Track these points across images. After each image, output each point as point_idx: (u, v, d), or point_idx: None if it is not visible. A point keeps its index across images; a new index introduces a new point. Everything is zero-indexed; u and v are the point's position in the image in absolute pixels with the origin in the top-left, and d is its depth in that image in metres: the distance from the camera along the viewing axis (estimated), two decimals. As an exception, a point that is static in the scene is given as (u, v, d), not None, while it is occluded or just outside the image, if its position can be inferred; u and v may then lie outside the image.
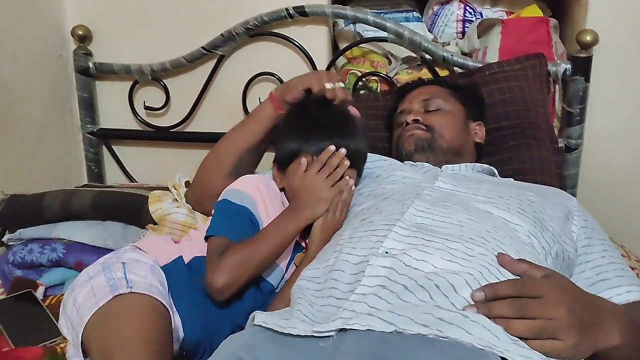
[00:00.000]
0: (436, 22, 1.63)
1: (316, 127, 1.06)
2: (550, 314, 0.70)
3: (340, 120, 1.09)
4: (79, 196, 1.25)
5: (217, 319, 0.97)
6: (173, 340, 0.90)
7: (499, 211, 0.95)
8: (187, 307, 0.95)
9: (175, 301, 0.95)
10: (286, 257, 1.03)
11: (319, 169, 1.02)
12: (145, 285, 0.90)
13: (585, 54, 1.44)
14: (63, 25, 1.68)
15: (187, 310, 0.95)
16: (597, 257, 0.99)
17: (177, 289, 0.97)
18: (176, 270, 0.99)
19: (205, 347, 0.97)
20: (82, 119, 1.73)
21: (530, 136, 1.38)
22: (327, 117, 1.08)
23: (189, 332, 0.94)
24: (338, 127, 1.07)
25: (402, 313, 0.68)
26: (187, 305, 0.95)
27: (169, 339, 0.88)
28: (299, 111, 1.12)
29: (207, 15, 1.61)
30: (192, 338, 0.94)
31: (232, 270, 0.93)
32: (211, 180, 1.16)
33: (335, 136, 1.05)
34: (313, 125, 1.07)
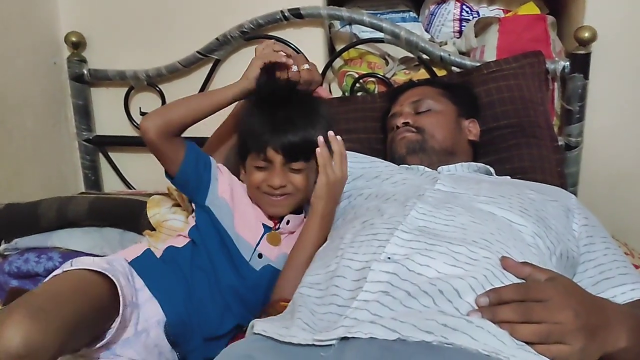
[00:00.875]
0: (433, 22, 1.62)
1: (262, 122, 1.05)
2: (556, 318, 0.68)
3: (285, 114, 1.06)
4: (76, 203, 1.24)
5: (199, 297, 0.99)
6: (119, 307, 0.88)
7: (502, 211, 0.93)
8: (161, 289, 0.97)
9: (149, 285, 0.97)
10: (255, 233, 1.05)
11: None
12: (87, 262, 0.89)
13: (584, 50, 1.43)
14: (56, 32, 1.67)
15: (162, 291, 0.97)
16: (600, 256, 0.97)
17: (148, 274, 0.99)
18: (144, 259, 1.02)
19: (192, 329, 0.97)
20: (77, 127, 1.72)
21: (530, 135, 1.37)
22: (267, 113, 1.07)
23: (170, 312, 0.96)
24: (281, 121, 1.05)
25: (405, 320, 0.67)
26: (161, 287, 0.97)
27: (93, 301, 0.85)
28: (252, 105, 1.12)
29: (202, 19, 1.60)
30: (174, 318, 0.96)
31: (157, 112, 1.07)
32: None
33: (276, 132, 1.03)
34: (262, 117, 1.06)
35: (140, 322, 0.93)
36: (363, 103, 1.51)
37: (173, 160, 1.07)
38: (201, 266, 1.02)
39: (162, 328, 0.94)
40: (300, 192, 1.07)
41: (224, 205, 1.06)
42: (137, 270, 0.98)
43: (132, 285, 0.95)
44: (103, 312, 0.86)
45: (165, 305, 0.95)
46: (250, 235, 1.05)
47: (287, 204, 1.07)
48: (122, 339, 0.90)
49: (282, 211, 1.07)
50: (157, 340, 0.94)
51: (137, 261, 1.00)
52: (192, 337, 0.97)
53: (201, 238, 1.05)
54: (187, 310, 0.97)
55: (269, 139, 1.03)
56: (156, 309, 0.95)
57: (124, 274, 0.93)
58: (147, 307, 0.95)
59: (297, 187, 1.06)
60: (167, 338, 0.95)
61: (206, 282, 1.01)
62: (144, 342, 0.91)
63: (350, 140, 1.26)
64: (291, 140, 1.02)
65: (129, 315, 0.90)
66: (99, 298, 0.85)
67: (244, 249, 1.04)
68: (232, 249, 1.03)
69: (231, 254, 1.03)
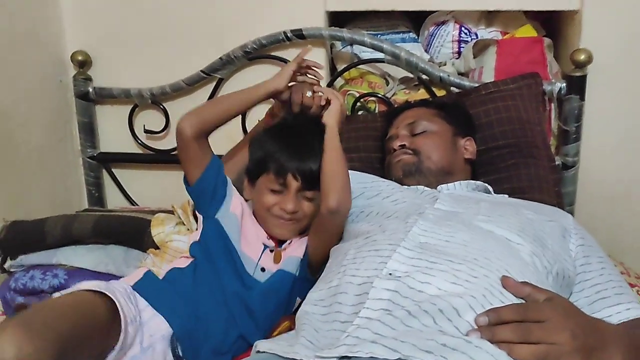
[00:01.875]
0: (432, 43, 1.65)
1: (284, 147, 1.09)
2: (553, 339, 0.70)
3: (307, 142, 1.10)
4: (81, 220, 1.26)
5: (204, 311, 1.01)
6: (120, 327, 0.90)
7: (500, 230, 0.95)
8: (165, 304, 0.99)
9: (152, 303, 0.99)
10: (255, 251, 1.08)
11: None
12: (87, 284, 0.92)
13: (580, 72, 1.46)
14: (63, 51, 1.70)
15: (166, 307, 0.99)
16: (596, 276, 0.99)
17: (151, 293, 1.00)
18: (146, 280, 1.04)
19: (199, 342, 0.99)
20: (82, 144, 1.74)
21: (528, 154, 1.40)
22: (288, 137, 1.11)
23: (177, 325, 0.97)
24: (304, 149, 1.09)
25: (405, 339, 0.69)
26: (165, 303, 0.99)
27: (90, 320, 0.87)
28: (269, 130, 1.16)
29: (205, 39, 1.63)
30: (181, 330, 0.98)
31: (194, 111, 1.12)
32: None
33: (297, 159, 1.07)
34: (283, 143, 1.10)
35: (145, 338, 0.94)
36: (364, 122, 1.53)
37: (197, 165, 1.11)
38: (205, 280, 1.04)
39: (168, 342, 0.96)
40: (307, 219, 1.09)
41: (234, 220, 1.09)
42: (140, 291, 1.00)
43: (135, 306, 0.96)
44: (102, 331, 0.87)
45: (171, 318, 0.97)
46: (252, 252, 1.08)
47: (294, 229, 1.10)
48: (129, 356, 0.91)
49: (288, 235, 1.10)
50: (163, 354, 0.95)
51: (139, 284, 1.02)
52: (199, 351, 0.98)
53: (207, 248, 1.07)
54: (191, 322, 0.98)
55: (289, 165, 1.06)
56: (161, 323, 0.97)
57: (124, 294, 0.94)
58: (152, 324, 0.96)
59: (306, 214, 1.09)
60: (173, 352, 0.96)
61: (210, 295, 1.03)
62: (150, 358, 0.93)
63: (351, 159, 1.29)
64: (312, 168, 1.06)
65: (133, 334, 0.91)
66: (98, 317, 0.87)
67: (247, 264, 1.06)
68: (237, 262, 1.05)
69: (236, 266, 1.05)
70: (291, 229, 1.09)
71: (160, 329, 0.97)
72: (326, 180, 1.03)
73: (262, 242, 1.09)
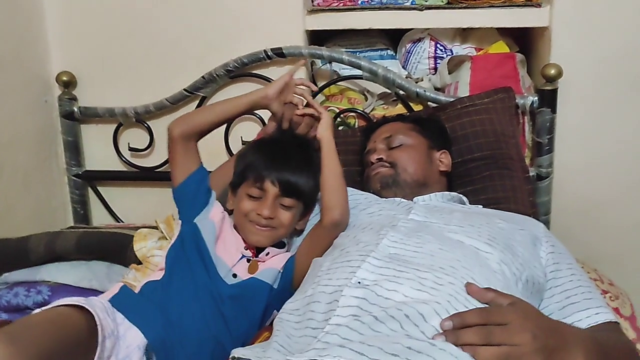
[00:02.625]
0: (409, 60, 1.70)
1: (266, 156, 1.14)
2: (515, 340, 0.73)
3: (292, 151, 1.17)
4: (64, 237, 1.28)
5: (177, 315, 1.03)
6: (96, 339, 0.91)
7: (470, 240, 0.99)
8: (138, 315, 1.01)
9: (126, 315, 1.01)
10: (233, 257, 1.11)
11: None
12: (66, 300, 0.93)
13: (551, 86, 1.51)
14: (48, 71, 1.73)
15: (139, 317, 1.00)
16: (566, 282, 1.02)
17: (125, 306, 1.02)
18: (121, 294, 1.07)
19: (173, 348, 1.00)
20: (67, 162, 1.77)
21: (503, 166, 1.44)
22: (279, 147, 1.17)
23: (150, 334, 0.99)
24: (285, 157, 1.15)
25: (372, 343, 0.71)
26: (138, 313, 1.01)
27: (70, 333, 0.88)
28: (260, 141, 1.23)
29: (188, 58, 1.67)
30: (155, 339, 0.99)
31: (185, 115, 1.19)
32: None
33: (277, 168, 1.12)
34: (264, 154, 1.15)
35: (122, 350, 0.96)
36: (344, 137, 1.57)
37: (183, 169, 1.17)
38: (176, 282, 1.07)
39: (143, 352, 0.97)
40: (283, 229, 1.13)
41: (211, 226, 1.13)
42: (115, 305, 1.02)
43: (114, 319, 0.98)
44: (82, 345, 0.88)
45: (144, 328, 0.99)
46: (228, 258, 1.11)
47: (269, 236, 1.12)
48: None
49: (262, 242, 1.12)
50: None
51: (114, 298, 1.05)
52: (174, 357, 1.00)
53: (181, 248, 1.11)
54: (165, 330, 1.00)
55: (268, 172, 1.11)
56: (136, 334, 0.98)
57: (103, 310, 0.96)
58: (128, 335, 0.98)
59: (282, 223, 1.12)
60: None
61: (182, 292, 1.05)
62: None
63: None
64: (289, 177, 1.11)
65: (110, 347, 0.93)
66: (77, 330, 0.88)
67: (220, 267, 1.09)
68: (209, 264, 1.08)
69: (208, 268, 1.08)
70: (267, 235, 1.12)
71: (135, 340, 0.98)
72: (328, 194, 1.10)
73: (240, 252, 1.12)
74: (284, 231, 1.13)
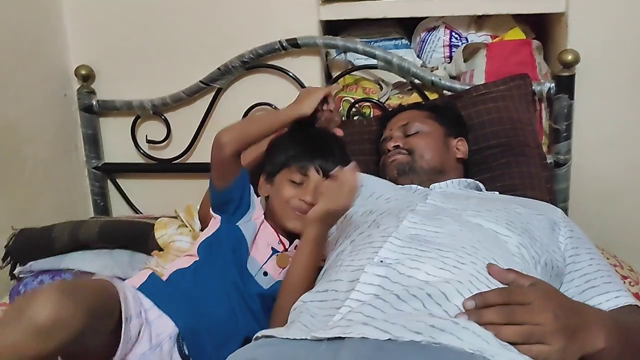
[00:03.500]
0: (424, 48, 1.70)
1: (309, 145, 1.20)
2: (536, 320, 0.74)
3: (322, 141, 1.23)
4: (87, 226, 1.30)
5: (207, 306, 1.04)
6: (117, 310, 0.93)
7: (488, 223, 0.99)
8: (169, 304, 1.02)
9: (157, 303, 1.02)
10: (263, 254, 1.13)
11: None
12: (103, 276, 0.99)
13: (568, 72, 1.50)
14: (67, 65, 1.75)
15: (170, 307, 1.02)
16: (585, 266, 1.02)
17: (155, 294, 1.04)
18: (150, 282, 1.08)
19: (203, 339, 1.02)
20: (87, 155, 1.79)
21: (519, 153, 1.43)
22: (312, 139, 1.22)
23: (181, 324, 1.01)
24: (327, 149, 1.20)
25: (395, 321, 0.72)
26: (168, 303, 1.03)
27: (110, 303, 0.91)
28: (291, 132, 1.26)
29: (204, 51, 1.68)
30: (186, 329, 1.01)
31: (235, 129, 1.16)
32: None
33: (321, 156, 1.19)
34: (300, 144, 1.20)
35: (153, 337, 0.98)
36: (359, 127, 1.57)
37: (226, 177, 1.16)
38: (206, 274, 1.09)
39: (174, 341, 0.99)
40: None
41: (252, 227, 1.16)
42: (145, 292, 1.04)
43: (140, 304, 1.00)
44: (114, 316, 0.91)
45: (176, 318, 1.01)
46: (259, 256, 1.13)
47: None
48: (139, 353, 0.95)
49: (300, 228, 1.12)
50: (170, 353, 0.99)
51: (143, 285, 1.07)
52: (203, 347, 1.01)
53: (218, 244, 1.12)
54: (195, 319, 1.02)
55: (312, 159, 1.15)
56: (167, 323, 1.00)
57: (131, 291, 0.99)
58: (159, 323, 1.00)
59: None
60: (179, 351, 0.99)
61: (211, 287, 1.07)
62: (158, 356, 0.97)
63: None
64: (331, 165, 1.14)
65: (138, 328, 0.95)
66: (114, 302, 0.91)
67: (252, 266, 1.11)
68: (242, 265, 1.10)
69: (240, 269, 1.09)
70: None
71: (166, 329, 1.00)
72: (279, 296, 1.04)
73: (271, 247, 1.14)
74: None
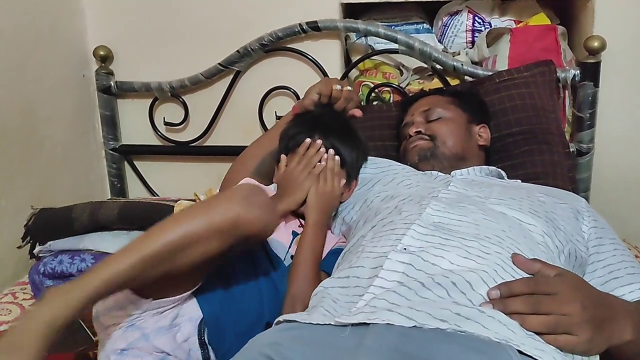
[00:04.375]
0: (446, 33, 1.67)
1: (306, 127, 1.17)
2: (564, 310, 0.73)
3: (334, 123, 1.20)
4: (107, 207, 1.30)
5: (235, 295, 1.01)
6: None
7: (512, 212, 0.98)
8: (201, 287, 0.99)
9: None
10: (286, 236, 1.12)
11: (297, 161, 1.14)
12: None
13: (594, 59, 1.47)
14: (85, 46, 1.75)
15: (201, 290, 0.99)
16: (609, 256, 1.01)
17: None
18: None
19: (226, 327, 0.99)
20: (104, 136, 1.79)
21: (542, 141, 1.41)
22: (320, 119, 1.20)
23: (207, 310, 0.98)
24: (328, 127, 1.17)
25: (420, 309, 0.72)
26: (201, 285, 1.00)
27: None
28: (300, 115, 1.24)
29: (223, 33, 1.67)
30: (210, 314, 0.98)
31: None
32: (236, 179, 1.23)
33: (320, 135, 1.15)
34: (306, 126, 1.18)
35: (178, 317, 0.97)
36: (379, 112, 1.56)
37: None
38: (237, 263, 1.05)
39: (195, 326, 0.98)
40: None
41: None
42: None
43: None
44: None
45: (203, 303, 0.98)
46: (283, 238, 1.11)
47: None
48: (157, 327, 0.94)
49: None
50: (188, 336, 0.97)
51: None
52: (225, 335, 0.99)
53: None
54: (222, 306, 0.99)
55: (312, 133, 1.15)
56: (193, 307, 0.98)
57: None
58: (186, 305, 0.98)
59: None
60: (199, 337, 0.98)
61: (241, 278, 1.03)
62: (174, 335, 0.96)
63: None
64: (334, 143, 1.14)
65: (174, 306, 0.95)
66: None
67: (279, 250, 1.09)
68: (270, 252, 1.08)
69: (268, 253, 1.07)
70: None
71: (190, 312, 0.98)
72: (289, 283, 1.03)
73: (292, 229, 1.12)
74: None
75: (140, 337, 0.94)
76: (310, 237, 1.07)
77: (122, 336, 0.94)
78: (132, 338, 0.94)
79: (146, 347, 0.94)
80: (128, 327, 0.94)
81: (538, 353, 0.68)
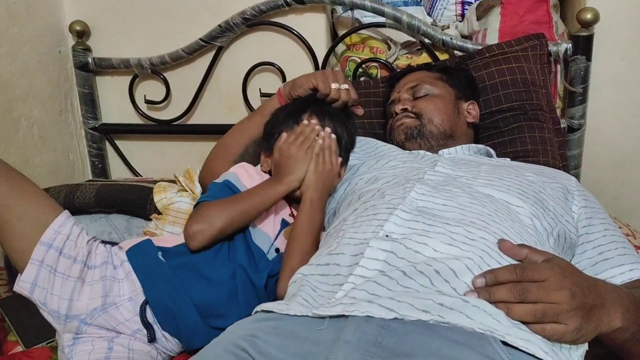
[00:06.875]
0: (435, 5, 1.62)
1: (299, 109, 1.14)
2: (551, 298, 0.70)
3: (326, 105, 1.16)
4: (83, 190, 1.26)
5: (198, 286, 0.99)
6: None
7: (500, 194, 0.94)
8: (146, 274, 0.98)
9: (135, 267, 0.99)
10: (273, 226, 1.07)
11: (294, 138, 1.09)
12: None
13: (586, 32, 1.43)
14: (61, 21, 1.68)
15: (147, 276, 0.98)
16: (599, 237, 0.98)
17: (137, 257, 1.01)
18: (141, 247, 1.03)
19: (182, 311, 0.97)
20: (83, 115, 1.74)
21: (532, 117, 1.38)
22: (314, 101, 1.16)
23: (152, 297, 0.97)
24: (321, 108, 1.14)
25: (402, 299, 0.68)
26: (146, 271, 0.99)
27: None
28: (291, 103, 1.19)
29: (204, 7, 1.61)
30: (156, 303, 0.97)
31: (204, 218, 0.99)
32: (217, 168, 1.19)
33: (314, 113, 1.13)
34: (297, 108, 1.14)
35: (112, 296, 0.96)
36: (366, 88, 1.51)
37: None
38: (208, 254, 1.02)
39: (137, 306, 0.96)
40: None
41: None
42: (131, 257, 1.00)
43: (111, 257, 0.99)
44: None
45: (149, 287, 0.97)
46: (269, 230, 1.07)
47: None
48: (90, 309, 0.95)
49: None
50: (129, 316, 0.96)
51: (132, 249, 1.03)
52: (183, 317, 0.97)
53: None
54: (172, 298, 0.97)
55: (307, 109, 1.12)
56: (131, 287, 0.97)
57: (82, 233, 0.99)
58: (123, 284, 0.97)
59: None
60: (141, 317, 0.96)
61: (217, 266, 1.01)
62: (111, 314, 0.96)
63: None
64: (324, 122, 1.11)
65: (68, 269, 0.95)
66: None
67: (262, 242, 1.04)
68: (250, 243, 1.04)
69: (250, 247, 1.03)
70: None
71: (129, 292, 0.97)
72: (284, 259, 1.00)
73: (282, 218, 1.08)
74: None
75: (80, 324, 0.95)
76: (307, 211, 1.03)
77: (65, 328, 0.95)
78: (73, 328, 0.95)
79: (90, 330, 0.95)
80: (66, 320, 0.95)
81: (523, 343, 0.66)
